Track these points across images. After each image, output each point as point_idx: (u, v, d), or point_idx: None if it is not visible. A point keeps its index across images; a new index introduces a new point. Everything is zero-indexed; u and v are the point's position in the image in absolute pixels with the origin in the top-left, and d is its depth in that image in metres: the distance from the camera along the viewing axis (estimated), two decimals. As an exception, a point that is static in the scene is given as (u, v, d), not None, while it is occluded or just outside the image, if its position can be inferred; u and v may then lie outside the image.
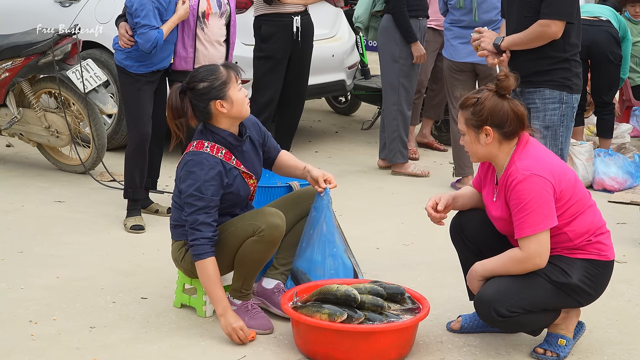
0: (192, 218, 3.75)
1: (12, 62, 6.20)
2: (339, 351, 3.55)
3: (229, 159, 3.87)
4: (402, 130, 6.82)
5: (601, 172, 6.64)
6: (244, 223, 3.81)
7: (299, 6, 6.47)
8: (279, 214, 3.84)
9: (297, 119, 6.94)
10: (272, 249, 3.84)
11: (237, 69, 3.92)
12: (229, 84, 3.84)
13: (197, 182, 3.76)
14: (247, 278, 3.90)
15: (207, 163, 3.80)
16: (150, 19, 5.02)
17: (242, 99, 3.87)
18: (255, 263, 3.86)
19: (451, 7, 6.46)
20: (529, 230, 3.47)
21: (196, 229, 3.74)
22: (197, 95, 3.84)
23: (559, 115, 4.30)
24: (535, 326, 3.68)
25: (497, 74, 3.66)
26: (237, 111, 3.86)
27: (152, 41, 5.02)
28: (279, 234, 3.81)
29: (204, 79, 3.83)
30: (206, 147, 3.84)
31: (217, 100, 3.82)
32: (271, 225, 3.77)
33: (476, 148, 3.63)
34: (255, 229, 3.76)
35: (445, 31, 6.58)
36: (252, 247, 3.79)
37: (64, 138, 6.27)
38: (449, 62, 6.49)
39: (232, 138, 3.90)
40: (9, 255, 4.73)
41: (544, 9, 4.20)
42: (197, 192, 3.75)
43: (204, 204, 3.74)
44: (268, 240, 3.78)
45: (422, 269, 4.73)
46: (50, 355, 3.59)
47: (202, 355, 3.65)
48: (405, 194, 6.36)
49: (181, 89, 3.87)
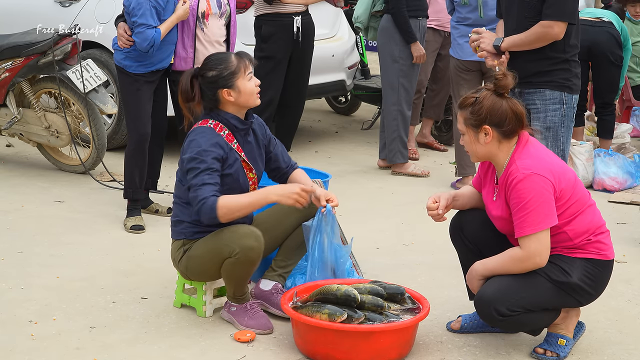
0: (197, 180, 3.73)
1: (12, 62, 6.20)
2: (339, 351, 3.55)
3: (231, 141, 3.89)
4: (402, 130, 6.82)
5: (601, 172, 6.64)
6: (221, 243, 3.78)
7: (299, 6, 6.47)
8: (254, 234, 3.76)
9: (297, 119, 6.94)
10: (251, 268, 3.82)
11: (250, 58, 3.94)
12: (238, 73, 3.86)
13: (198, 147, 3.78)
14: (237, 287, 3.89)
15: (208, 133, 3.83)
16: (147, 18, 5.02)
17: (251, 89, 3.90)
18: (239, 279, 3.86)
19: (457, 5, 6.44)
20: (529, 229, 3.47)
21: (199, 189, 3.71)
22: (206, 83, 3.88)
23: (560, 116, 4.30)
24: (535, 326, 3.68)
25: (494, 73, 3.66)
26: (244, 100, 3.90)
27: (149, 40, 5.02)
28: (256, 255, 3.76)
29: (213, 67, 3.87)
30: (210, 124, 3.88)
31: (225, 89, 3.86)
32: (245, 247, 3.73)
33: (476, 147, 3.63)
34: (230, 251, 3.74)
35: (452, 30, 6.56)
36: (232, 267, 3.79)
37: (64, 138, 6.27)
38: (456, 61, 6.45)
39: (236, 120, 3.92)
40: (9, 255, 4.73)
41: (546, 9, 4.19)
42: (197, 155, 3.76)
43: (206, 166, 3.75)
44: (245, 262, 3.76)
45: (422, 269, 4.73)
46: (50, 355, 3.59)
47: (202, 355, 3.65)
48: (405, 194, 6.36)
49: (193, 73, 3.91)
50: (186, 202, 3.90)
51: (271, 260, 4.14)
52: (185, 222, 3.92)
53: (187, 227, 3.92)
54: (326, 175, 4.67)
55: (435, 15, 7.20)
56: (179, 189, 3.94)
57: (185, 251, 3.90)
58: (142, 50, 5.06)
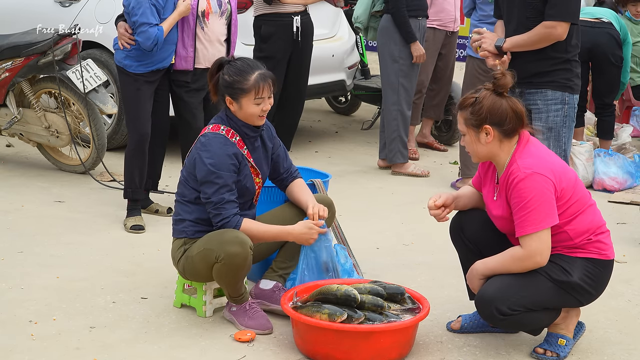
0: (217, 198, 3.77)
1: (12, 62, 6.20)
2: (339, 351, 3.55)
3: (241, 147, 3.90)
4: (402, 130, 6.81)
5: (601, 172, 6.64)
6: (208, 247, 3.78)
7: (298, 6, 6.47)
8: (239, 239, 3.74)
9: (297, 119, 6.94)
10: (239, 272, 3.80)
11: (272, 82, 3.89)
12: (247, 94, 3.85)
13: (213, 158, 3.79)
14: (229, 289, 3.89)
15: (223, 142, 3.84)
16: (149, 17, 5.01)
17: (253, 112, 3.88)
18: (229, 282, 3.85)
19: (480, 3, 6.39)
20: (530, 228, 3.47)
21: (222, 207, 3.77)
22: (221, 81, 3.90)
23: (562, 116, 4.29)
24: (535, 325, 3.68)
25: (494, 72, 3.66)
26: (243, 117, 3.91)
27: (152, 39, 5.01)
28: (240, 259, 3.74)
29: (232, 74, 3.87)
30: (222, 130, 3.88)
31: (230, 97, 3.88)
32: (229, 254, 3.71)
33: (477, 148, 3.63)
34: (216, 255, 3.74)
35: (473, 29, 6.48)
36: (220, 271, 3.79)
37: (64, 138, 6.27)
38: (477, 61, 6.35)
39: (247, 128, 3.92)
40: (9, 255, 4.73)
41: (549, 10, 4.18)
42: (214, 169, 3.78)
43: (223, 182, 3.78)
44: (230, 267, 3.75)
45: (422, 269, 4.73)
46: (50, 355, 3.59)
47: (202, 355, 3.65)
48: (405, 194, 6.36)
49: (220, 62, 3.93)
50: (189, 200, 3.91)
51: (271, 261, 4.14)
52: (187, 220, 3.92)
53: (189, 225, 3.92)
54: (326, 175, 4.67)
55: (436, 15, 7.20)
56: (183, 187, 3.94)
57: (185, 250, 3.91)
58: (146, 49, 5.06)
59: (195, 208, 3.91)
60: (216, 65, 3.94)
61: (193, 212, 3.91)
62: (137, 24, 5.02)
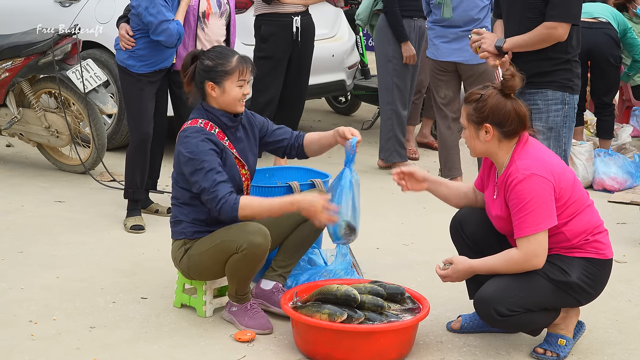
0: (208, 182, 3.73)
1: (12, 62, 6.20)
2: (339, 351, 3.55)
3: (222, 139, 3.89)
4: (397, 129, 6.81)
5: (601, 172, 6.64)
6: (228, 239, 3.78)
7: (298, 6, 6.47)
8: (261, 231, 3.76)
9: (297, 119, 6.94)
10: (257, 265, 3.82)
11: (251, 66, 3.92)
12: (231, 75, 3.86)
13: (193, 147, 3.77)
14: (240, 285, 3.89)
15: (200, 131, 3.82)
16: (165, 14, 4.99)
17: (236, 96, 3.88)
18: (243, 277, 3.86)
19: (432, 7, 6.44)
20: (528, 230, 3.47)
21: (215, 189, 3.71)
22: (200, 69, 3.88)
23: (562, 117, 4.28)
24: (535, 326, 3.68)
25: (503, 72, 3.64)
26: (225, 102, 3.89)
27: (175, 34, 5.02)
28: (262, 251, 3.76)
29: (212, 58, 3.87)
30: (200, 123, 3.87)
31: (212, 82, 3.86)
32: (253, 244, 3.72)
33: (475, 143, 3.63)
34: (237, 246, 3.74)
35: (428, 31, 6.53)
36: (237, 264, 3.78)
37: (64, 138, 6.27)
38: (433, 62, 6.40)
39: (226, 118, 3.91)
40: (9, 255, 4.73)
41: (550, 11, 4.16)
42: (194, 156, 3.76)
43: (209, 165, 3.74)
44: (251, 258, 3.75)
45: (422, 269, 4.73)
46: (50, 355, 3.59)
47: (202, 355, 3.65)
48: (405, 194, 6.32)
49: (195, 54, 3.93)
50: (183, 202, 3.90)
51: (271, 260, 4.14)
52: (185, 221, 3.92)
53: (187, 226, 3.92)
54: (326, 175, 4.67)
55: (435, 16, 7.19)
56: (175, 189, 3.94)
57: (186, 250, 3.91)
58: (169, 46, 5.06)
59: (191, 209, 3.90)
60: (190, 56, 3.93)
61: (189, 213, 3.91)
62: (155, 24, 4.98)
